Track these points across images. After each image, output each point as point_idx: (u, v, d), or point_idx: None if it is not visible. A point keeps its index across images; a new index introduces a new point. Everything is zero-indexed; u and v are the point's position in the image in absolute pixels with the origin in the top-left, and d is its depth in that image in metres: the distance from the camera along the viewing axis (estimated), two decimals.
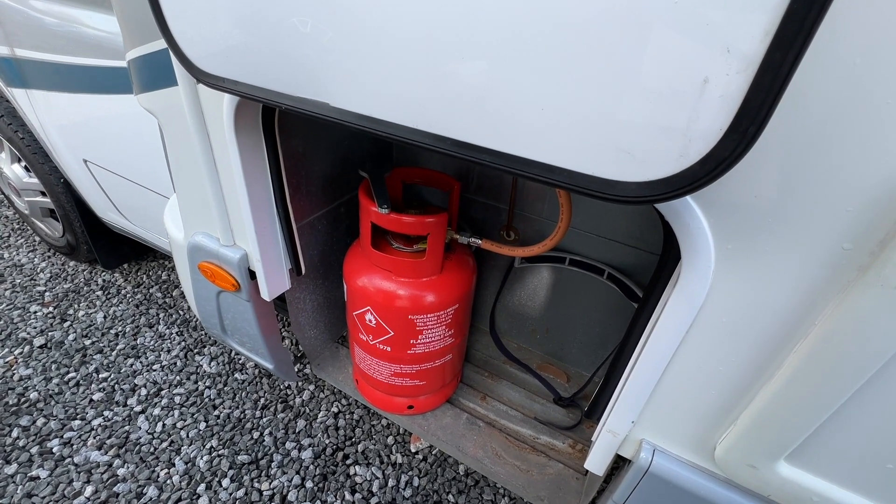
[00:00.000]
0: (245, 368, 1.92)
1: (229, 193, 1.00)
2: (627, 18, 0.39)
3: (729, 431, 0.66)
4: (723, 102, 0.37)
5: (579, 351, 1.56)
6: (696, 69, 0.38)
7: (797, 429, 0.59)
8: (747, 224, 0.52)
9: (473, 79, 0.48)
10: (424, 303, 1.13)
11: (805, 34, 0.33)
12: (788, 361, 0.56)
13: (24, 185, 2.12)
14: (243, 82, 0.67)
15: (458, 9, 0.45)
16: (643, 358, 0.68)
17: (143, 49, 0.91)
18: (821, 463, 0.62)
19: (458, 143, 0.53)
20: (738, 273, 0.55)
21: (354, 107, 0.58)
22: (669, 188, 0.43)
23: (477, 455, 1.30)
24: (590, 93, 0.43)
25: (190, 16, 0.66)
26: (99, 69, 1.42)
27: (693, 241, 0.56)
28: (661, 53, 0.39)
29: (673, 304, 0.61)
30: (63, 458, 1.55)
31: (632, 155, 0.44)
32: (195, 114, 0.89)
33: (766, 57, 0.34)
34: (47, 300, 2.16)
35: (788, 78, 0.35)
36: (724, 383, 0.64)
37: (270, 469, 1.57)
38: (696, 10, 0.36)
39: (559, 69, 0.43)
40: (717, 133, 0.39)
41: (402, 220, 1.04)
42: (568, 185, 0.48)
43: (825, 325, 0.51)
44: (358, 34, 0.53)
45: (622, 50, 0.40)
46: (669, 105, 0.40)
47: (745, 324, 0.58)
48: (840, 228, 0.48)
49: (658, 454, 0.75)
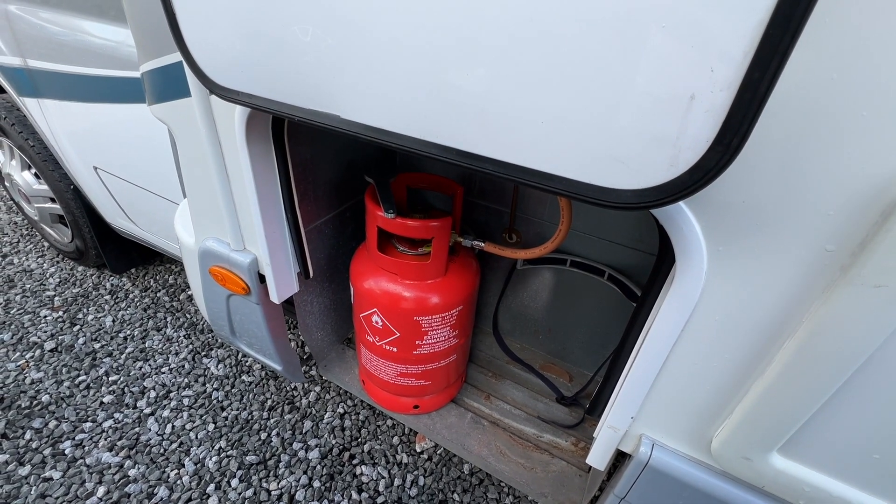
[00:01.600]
0: (252, 370, 1.95)
1: (240, 200, 1.04)
2: (620, 39, 0.42)
3: (724, 425, 0.69)
4: (708, 116, 0.41)
5: (581, 351, 1.59)
6: (684, 86, 0.41)
7: (788, 422, 0.61)
8: (737, 227, 0.55)
9: (477, 92, 0.52)
10: (429, 304, 1.16)
11: (780, 56, 0.36)
12: (778, 357, 0.59)
13: (33, 191, 2.16)
14: (257, 95, 0.70)
15: (462, 28, 0.49)
16: (641, 355, 0.71)
17: (157, 62, 0.94)
18: (812, 454, 0.65)
19: (462, 153, 0.56)
20: (730, 274, 0.59)
21: (363, 119, 0.62)
22: (661, 195, 0.46)
23: (482, 453, 1.33)
24: (586, 106, 0.46)
25: (206, 31, 0.70)
26: (109, 79, 1.46)
27: (686, 244, 0.59)
28: (652, 71, 0.42)
29: (669, 303, 0.64)
30: (75, 459, 1.58)
31: (626, 164, 0.47)
32: (208, 124, 0.92)
33: (746, 76, 0.38)
34: (57, 305, 2.19)
35: (767, 95, 0.38)
36: (718, 379, 0.67)
37: (278, 469, 1.60)
38: (682, 32, 0.39)
39: (557, 84, 0.46)
40: (704, 144, 0.42)
41: (408, 224, 1.08)
42: (566, 192, 0.51)
43: (811, 323, 0.54)
44: (367, 48, 0.56)
45: (615, 67, 0.43)
46: (660, 118, 0.43)
47: (737, 322, 0.61)
48: (823, 231, 0.51)
49: (657, 448, 0.78)
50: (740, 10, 0.36)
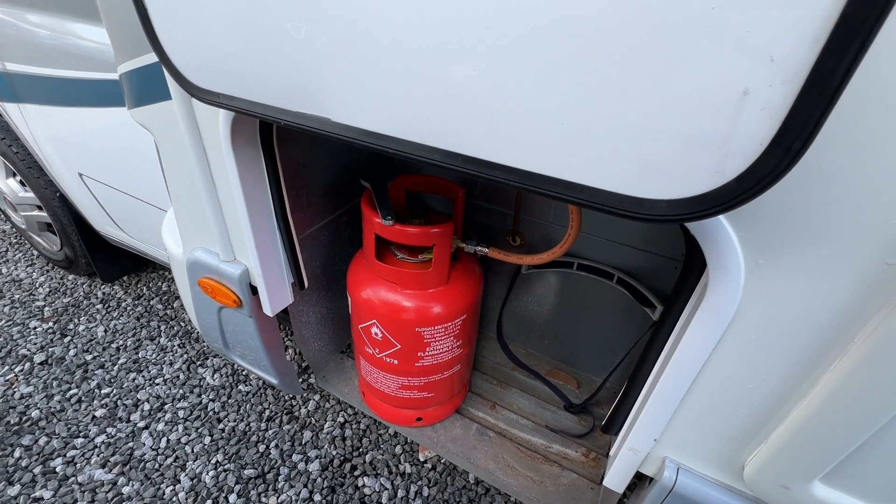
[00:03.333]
0: (249, 380, 1.89)
1: (228, 208, 0.97)
2: (657, 22, 0.35)
3: (759, 450, 0.63)
4: (764, 115, 0.34)
5: (589, 356, 1.53)
6: (735, 79, 0.34)
7: (834, 450, 0.56)
8: (781, 238, 0.49)
9: (486, 89, 0.45)
10: (431, 314, 1.10)
11: (862, 40, 0.29)
12: (825, 380, 0.53)
13: (19, 199, 2.09)
14: (240, 97, 0.63)
15: (470, 12, 0.42)
16: (667, 374, 0.65)
17: (134, 63, 0.88)
18: (858, 484, 0.59)
19: (469, 159, 0.50)
20: (771, 289, 0.52)
21: (358, 122, 0.55)
22: (702, 206, 0.40)
23: (489, 467, 1.28)
24: (615, 105, 0.40)
25: (181, 29, 0.63)
26: (92, 82, 1.39)
27: (721, 256, 0.52)
28: (695, 62, 0.35)
29: (699, 319, 0.58)
30: (67, 477, 1.52)
31: (661, 171, 0.40)
32: (190, 128, 0.85)
33: (815, 66, 0.31)
34: (47, 315, 2.13)
35: (841, 88, 0.31)
36: (754, 401, 0.61)
37: (277, 483, 1.55)
38: (736, 14, 0.32)
39: (582, 79, 0.40)
40: (757, 148, 0.36)
41: (407, 231, 1.01)
42: (590, 203, 0.44)
43: (867, 343, 0.48)
44: (360, 43, 0.50)
45: (650, 57, 0.37)
46: (704, 118, 0.37)
47: (778, 341, 0.55)
48: (883, 242, 0.45)
49: (682, 472, 0.72)
50: None
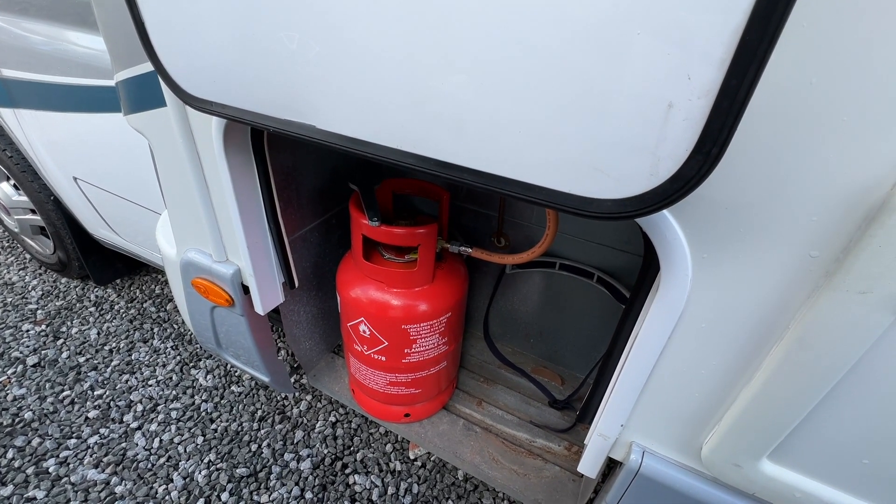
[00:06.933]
0: (241, 381, 1.92)
1: (220, 210, 1.01)
2: (597, 47, 0.41)
3: (714, 432, 0.68)
4: (687, 125, 0.40)
5: (572, 353, 1.58)
6: (661, 94, 0.40)
7: (777, 428, 0.61)
8: (721, 234, 0.54)
9: (454, 100, 0.50)
10: (417, 312, 1.15)
11: (758, 62, 0.35)
12: (765, 364, 0.58)
13: (13, 203, 2.11)
14: (232, 106, 0.68)
15: (439, 35, 0.47)
16: (629, 363, 0.70)
17: (131, 71, 0.92)
18: (802, 460, 0.64)
19: (440, 163, 0.55)
20: (715, 281, 0.58)
21: (340, 129, 0.60)
22: (643, 205, 0.45)
23: (474, 461, 1.32)
24: (564, 115, 0.45)
25: (177, 40, 0.67)
26: (87, 88, 1.42)
27: (670, 251, 0.58)
28: (629, 79, 0.41)
29: (655, 311, 0.63)
30: (60, 477, 1.54)
31: (606, 174, 0.46)
32: (184, 134, 0.90)
33: (723, 83, 0.36)
34: (39, 318, 2.14)
35: (746, 102, 0.37)
36: (706, 386, 0.66)
37: (269, 481, 1.58)
38: (658, 40, 0.38)
39: (535, 93, 0.45)
40: (683, 153, 0.41)
41: (393, 232, 1.06)
42: (547, 202, 0.50)
43: (797, 329, 0.54)
44: (342, 58, 0.55)
45: (593, 75, 0.42)
46: (638, 127, 0.42)
47: (724, 329, 0.61)
48: (807, 236, 0.50)
49: (647, 456, 0.77)
50: (716, 15, 0.35)
